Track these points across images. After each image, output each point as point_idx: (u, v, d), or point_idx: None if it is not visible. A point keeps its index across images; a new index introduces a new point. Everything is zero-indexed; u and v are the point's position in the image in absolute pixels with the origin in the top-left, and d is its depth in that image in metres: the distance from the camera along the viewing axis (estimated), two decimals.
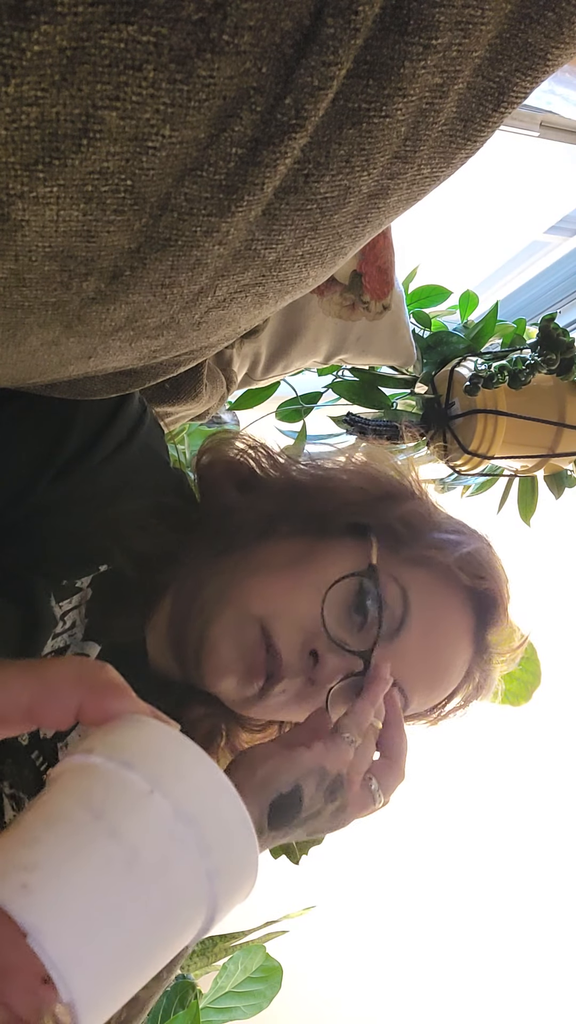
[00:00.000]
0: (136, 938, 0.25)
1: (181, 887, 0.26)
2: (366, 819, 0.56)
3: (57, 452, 0.57)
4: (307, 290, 0.46)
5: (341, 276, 0.92)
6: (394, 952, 1.82)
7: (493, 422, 1.05)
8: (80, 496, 0.59)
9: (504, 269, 1.56)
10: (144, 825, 0.25)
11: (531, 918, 1.94)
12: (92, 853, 0.24)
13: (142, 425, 0.63)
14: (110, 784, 0.26)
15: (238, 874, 0.27)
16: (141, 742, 0.28)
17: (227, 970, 1.25)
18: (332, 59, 0.30)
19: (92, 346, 0.44)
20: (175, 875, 0.25)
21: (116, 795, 0.26)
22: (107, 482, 0.60)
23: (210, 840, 0.26)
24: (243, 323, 0.48)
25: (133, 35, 0.28)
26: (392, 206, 0.40)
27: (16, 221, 0.32)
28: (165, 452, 0.68)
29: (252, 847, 0.28)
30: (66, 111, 0.29)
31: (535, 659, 1.08)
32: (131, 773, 0.26)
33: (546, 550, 1.92)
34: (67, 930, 0.23)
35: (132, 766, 0.26)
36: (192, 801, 0.26)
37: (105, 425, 0.59)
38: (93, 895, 0.24)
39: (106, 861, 0.24)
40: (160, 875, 0.25)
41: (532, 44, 0.33)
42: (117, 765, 0.26)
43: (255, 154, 0.33)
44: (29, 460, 0.57)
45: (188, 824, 0.26)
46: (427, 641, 0.59)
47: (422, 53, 0.31)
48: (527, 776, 2.03)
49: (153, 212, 0.34)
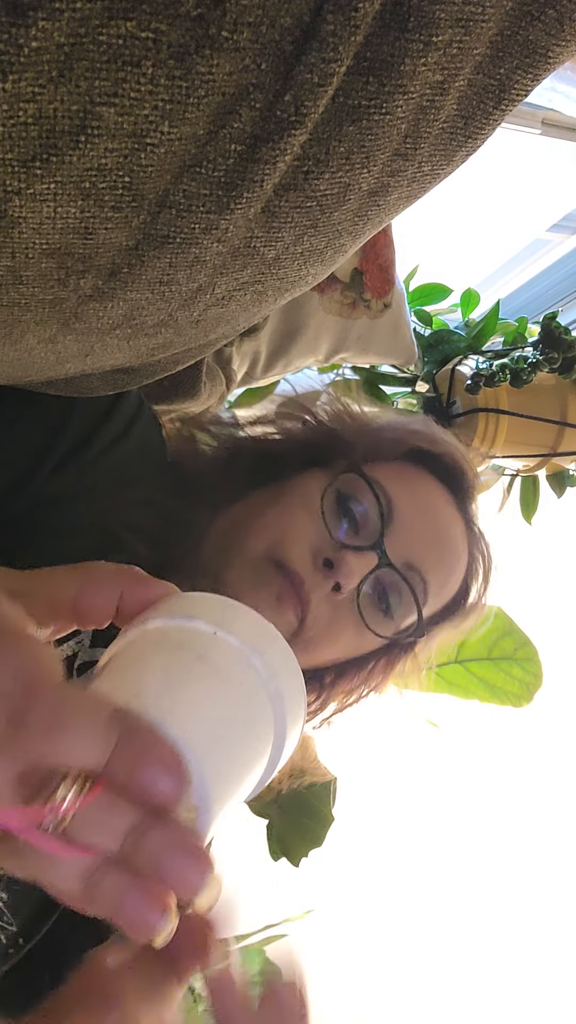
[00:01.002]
0: (237, 735, 0.27)
1: (261, 703, 0.29)
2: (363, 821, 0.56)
3: (54, 446, 0.57)
4: (306, 288, 0.46)
5: (342, 274, 0.91)
6: (393, 955, 1.81)
7: (495, 421, 1.05)
8: (78, 490, 0.59)
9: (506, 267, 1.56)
10: (222, 652, 0.28)
11: (531, 920, 1.94)
12: (189, 670, 0.27)
13: (139, 419, 0.63)
14: (180, 630, 0.29)
15: (296, 702, 0.30)
16: (190, 603, 0.30)
17: None
18: (332, 56, 0.30)
19: (89, 344, 0.44)
20: (255, 692, 0.28)
21: (189, 635, 0.28)
22: (105, 475, 0.60)
23: (273, 666, 0.29)
24: (242, 321, 0.48)
25: (132, 31, 0.28)
26: (392, 204, 0.40)
27: (13, 218, 0.32)
28: (163, 445, 0.68)
29: (302, 684, 0.31)
30: (64, 107, 0.29)
31: (536, 660, 1.08)
32: (193, 623, 0.29)
33: (547, 550, 1.91)
34: (185, 721, 0.25)
35: (191, 618, 0.29)
36: (252, 637, 0.29)
37: (102, 419, 0.60)
38: (197, 698, 0.26)
39: (202, 674, 0.27)
40: (244, 688, 0.28)
41: (533, 41, 0.33)
42: (179, 619, 0.29)
43: (254, 151, 0.33)
44: (26, 454, 0.57)
45: (254, 652, 0.29)
46: (420, 515, 0.62)
47: (423, 50, 0.31)
48: (528, 777, 2.03)
49: (151, 209, 0.34)
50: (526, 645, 1.08)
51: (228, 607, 0.31)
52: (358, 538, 0.59)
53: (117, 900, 0.24)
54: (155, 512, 0.61)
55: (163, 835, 0.24)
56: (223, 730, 0.27)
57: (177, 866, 0.23)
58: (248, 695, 0.28)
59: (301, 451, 0.65)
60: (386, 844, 1.85)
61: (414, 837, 1.90)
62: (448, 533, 0.64)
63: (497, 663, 1.07)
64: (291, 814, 0.90)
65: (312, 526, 0.58)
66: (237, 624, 0.29)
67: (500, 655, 1.07)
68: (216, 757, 0.26)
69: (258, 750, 0.28)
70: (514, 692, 1.07)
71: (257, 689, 0.28)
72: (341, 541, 0.58)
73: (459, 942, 1.87)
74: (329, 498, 0.60)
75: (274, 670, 0.29)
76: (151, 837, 0.24)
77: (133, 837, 0.24)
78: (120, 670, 0.28)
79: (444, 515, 0.64)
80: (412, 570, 0.60)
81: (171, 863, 0.23)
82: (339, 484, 0.60)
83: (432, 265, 1.18)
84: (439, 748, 1.87)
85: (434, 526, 0.63)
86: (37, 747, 0.23)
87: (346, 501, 0.60)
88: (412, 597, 0.60)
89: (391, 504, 0.60)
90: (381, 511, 0.59)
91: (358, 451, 0.64)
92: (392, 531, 0.59)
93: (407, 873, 1.88)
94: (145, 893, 0.24)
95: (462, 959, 1.85)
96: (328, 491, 0.60)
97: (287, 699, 0.29)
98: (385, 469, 0.63)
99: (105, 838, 0.24)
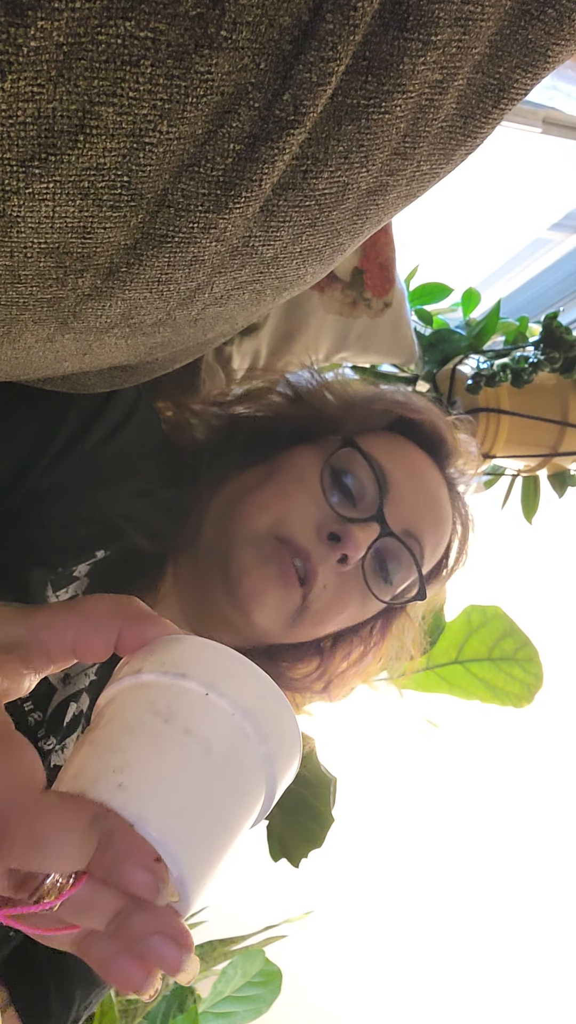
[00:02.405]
0: (220, 816, 0.28)
1: (248, 770, 0.29)
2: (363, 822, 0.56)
3: (51, 438, 0.57)
4: (305, 287, 0.46)
5: (342, 273, 0.91)
6: (393, 956, 1.81)
7: (495, 421, 1.05)
8: (75, 481, 0.59)
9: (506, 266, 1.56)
10: (210, 721, 0.28)
11: (531, 920, 1.94)
12: (172, 749, 0.27)
13: (137, 410, 0.64)
14: (170, 692, 0.29)
15: (288, 758, 0.31)
16: (185, 654, 0.30)
17: (226, 975, 1.25)
18: (331, 55, 0.30)
19: (88, 342, 0.44)
20: (242, 760, 0.29)
21: (179, 700, 0.29)
22: (102, 467, 0.60)
23: (265, 729, 0.29)
24: (240, 320, 0.48)
25: (130, 31, 0.28)
26: (391, 203, 0.40)
27: (11, 217, 0.32)
28: (162, 437, 0.68)
29: (297, 735, 0.31)
30: (63, 107, 0.29)
31: (537, 660, 1.08)
32: (185, 681, 0.29)
33: (548, 550, 1.91)
34: (165, 815, 0.26)
35: (184, 675, 0.29)
36: (244, 697, 0.29)
37: (100, 410, 0.60)
38: (180, 784, 0.27)
39: (186, 754, 0.27)
40: (231, 761, 0.28)
41: (532, 41, 0.33)
42: (171, 677, 0.29)
43: (253, 150, 0.33)
44: (24, 447, 0.57)
45: (245, 717, 0.29)
46: (412, 483, 0.64)
47: (421, 49, 0.31)
48: (528, 777, 2.03)
49: (150, 208, 0.34)
50: (526, 646, 1.07)
51: (221, 660, 0.31)
52: (357, 510, 0.61)
53: (105, 963, 0.26)
54: (154, 502, 0.62)
55: (145, 920, 0.26)
56: (208, 810, 0.27)
57: (158, 948, 0.26)
58: (237, 768, 0.28)
59: (288, 428, 0.67)
60: (386, 844, 1.85)
61: (414, 837, 1.90)
62: (437, 498, 0.67)
63: (498, 664, 1.07)
64: (291, 814, 0.90)
65: (312, 501, 0.60)
66: (232, 683, 0.29)
67: (501, 656, 1.07)
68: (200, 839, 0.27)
69: (245, 816, 0.29)
70: (515, 693, 1.07)
71: (247, 756, 0.29)
72: (343, 515, 0.59)
73: (459, 942, 1.86)
74: (327, 473, 0.62)
75: (266, 733, 0.29)
76: (135, 920, 0.26)
77: (118, 919, 0.26)
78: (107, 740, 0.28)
79: (431, 480, 0.67)
80: (410, 537, 0.63)
81: (153, 946, 0.26)
82: (335, 460, 0.62)
83: (433, 264, 1.18)
84: (439, 748, 1.87)
85: (425, 492, 0.66)
86: (18, 860, 0.24)
87: (343, 475, 0.62)
88: (413, 562, 0.63)
89: (385, 475, 0.62)
90: (379, 483, 0.61)
91: (347, 426, 0.65)
92: (390, 500, 0.62)
93: (407, 873, 1.88)
94: (131, 960, 0.26)
95: (462, 959, 1.85)
96: (325, 466, 0.62)
97: (278, 759, 0.30)
98: (374, 440, 0.65)
99: (91, 920, 0.26)
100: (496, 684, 1.07)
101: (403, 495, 0.63)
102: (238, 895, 1.51)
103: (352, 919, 1.79)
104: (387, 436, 0.67)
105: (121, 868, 0.25)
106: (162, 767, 0.27)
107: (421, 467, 0.67)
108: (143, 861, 0.25)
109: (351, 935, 1.79)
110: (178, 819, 0.26)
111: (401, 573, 0.63)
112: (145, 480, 0.63)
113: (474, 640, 1.07)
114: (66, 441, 0.58)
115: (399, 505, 0.62)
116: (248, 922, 1.36)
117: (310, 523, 0.59)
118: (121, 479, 0.62)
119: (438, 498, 0.67)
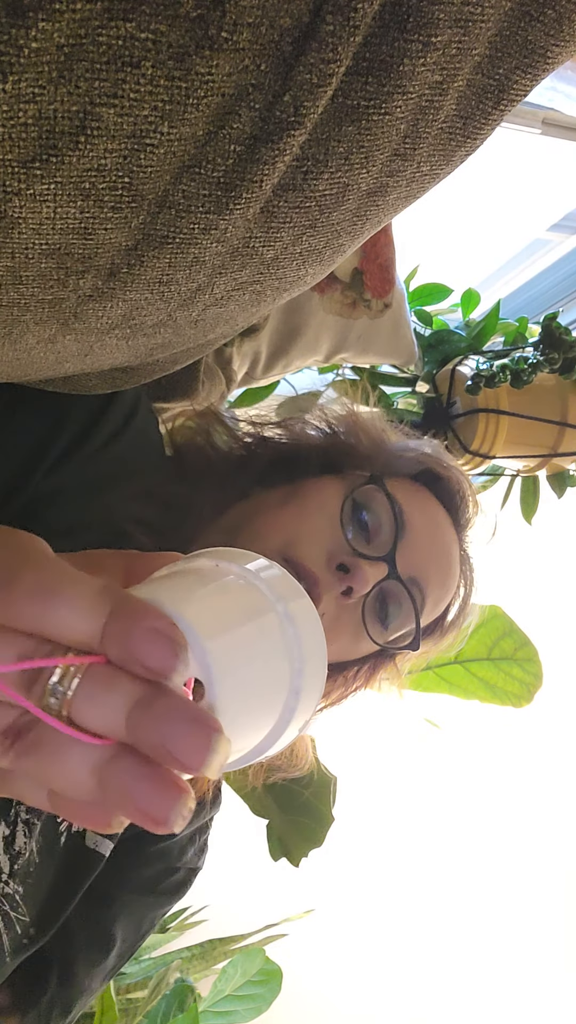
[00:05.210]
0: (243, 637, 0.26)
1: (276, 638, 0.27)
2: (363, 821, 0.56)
3: (51, 443, 0.57)
4: (305, 288, 0.46)
5: (342, 273, 0.91)
6: (393, 955, 1.81)
7: (495, 422, 1.05)
8: (76, 486, 0.59)
9: (506, 267, 1.56)
10: (251, 594, 0.27)
11: (530, 920, 1.94)
12: (204, 584, 0.26)
13: (137, 413, 0.64)
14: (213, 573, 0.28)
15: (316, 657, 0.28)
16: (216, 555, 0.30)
17: (226, 974, 1.25)
18: (331, 56, 0.30)
19: (88, 344, 0.44)
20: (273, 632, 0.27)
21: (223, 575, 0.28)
22: (103, 471, 0.60)
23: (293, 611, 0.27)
24: (241, 320, 0.48)
25: (131, 32, 0.28)
26: (391, 204, 0.40)
27: (13, 218, 0.32)
28: (160, 440, 0.68)
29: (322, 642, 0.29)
30: (63, 108, 0.29)
31: (536, 660, 1.08)
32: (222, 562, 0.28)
33: (548, 550, 1.91)
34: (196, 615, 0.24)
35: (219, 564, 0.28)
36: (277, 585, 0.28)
37: (99, 414, 0.60)
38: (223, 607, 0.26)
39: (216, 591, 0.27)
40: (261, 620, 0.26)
41: (532, 42, 0.33)
42: (198, 561, 0.29)
43: (254, 151, 0.33)
44: (24, 450, 0.57)
45: (279, 600, 0.27)
46: (428, 533, 0.65)
47: (422, 50, 0.31)
48: (528, 777, 2.03)
49: (151, 209, 0.34)
50: (526, 645, 1.08)
51: (252, 559, 0.29)
52: (371, 547, 0.61)
53: (129, 788, 0.23)
54: (156, 503, 0.62)
55: (165, 703, 0.23)
56: (233, 628, 0.25)
57: (181, 732, 0.22)
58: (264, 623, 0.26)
59: (317, 457, 0.67)
60: (386, 844, 1.86)
61: (414, 837, 1.90)
62: (449, 555, 0.67)
63: (497, 663, 1.07)
64: (291, 814, 0.90)
65: (329, 530, 0.60)
66: (264, 573, 0.28)
67: (500, 655, 1.07)
68: (223, 641, 0.25)
69: (269, 663, 0.27)
70: (514, 692, 1.07)
71: (274, 622, 0.27)
72: (356, 548, 0.59)
73: (459, 942, 1.87)
74: (348, 506, 0.62)
75: (292, 614, 0.27)
76: (155, 707, 0.23)
77: (137, 712, 0.23)
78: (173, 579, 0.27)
79: (447, 536, 0.67)
80: (415, 585, 0.63)
81: (174, 729, 0.22)
82: (358, 494, 0.62)
83: (432, 265, 1.18)
84: (439, 748, 1.87)
85: (438, 546, 0.66)
86: (25, 608, 0.23)
87: (363, 510, 0.62)
88: (412, 609, 0.62)
89: (404, 519, 0.62)
90: (396, 525, 0.61)
91: (376, 465, 0.66)
92: (403, 545, 0.61)
93: (407, 873, 1.88)
94: (158, 776, 0.23)
95: (462, 958, 1.85)
96: (347, 499, 0.62)
97: (305, 646, 0.27)
98: (399, 485, 0.66)
99: (109, 715, 0.23)
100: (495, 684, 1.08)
101: (417, 543, 0.63)
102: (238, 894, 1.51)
103: (352, 918, 1.80)
104: (412, 485, 0.67)
105: (134, 634, 0.23)
106: (204, 592, 0.26)
107: (439, 521, 0.67)
108: (159, 625, 0.23)
109: (351, 934, 1.79)
110: (206, 616, 0.25)
111: (400, 619, 0.63)
112: (147, 481, 0.63)
113: (473, 640, 1.07)
114: (67, 445, 0.58)
115: (412, 552, 0.62)
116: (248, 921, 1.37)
117: (322, 549, 0.59)
118: (123, 481, 0.62)
119: (450, 555, 0.67)
